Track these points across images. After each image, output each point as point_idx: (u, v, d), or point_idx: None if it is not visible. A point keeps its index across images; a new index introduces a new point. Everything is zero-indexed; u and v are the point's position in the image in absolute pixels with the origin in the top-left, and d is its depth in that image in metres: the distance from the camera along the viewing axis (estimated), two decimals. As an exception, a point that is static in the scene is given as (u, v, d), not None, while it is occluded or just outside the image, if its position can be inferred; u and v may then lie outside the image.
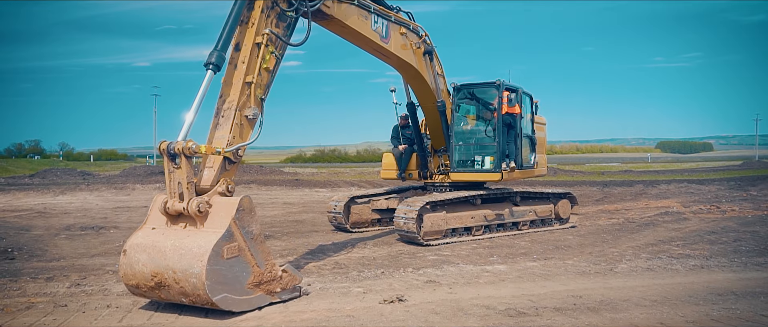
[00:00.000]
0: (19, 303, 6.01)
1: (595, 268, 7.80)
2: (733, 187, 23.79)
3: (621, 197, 19.82)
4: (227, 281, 5.35)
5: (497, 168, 10.49)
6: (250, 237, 5.63)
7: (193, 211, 5.53)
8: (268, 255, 5.81)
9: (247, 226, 5.61)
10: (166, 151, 5.61)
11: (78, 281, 7.03)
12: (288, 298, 6.02)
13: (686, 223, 12.65)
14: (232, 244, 5.43)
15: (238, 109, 6.25)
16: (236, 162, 6.23)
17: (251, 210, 5.71)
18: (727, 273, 7.52)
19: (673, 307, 5.77)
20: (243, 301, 5.52)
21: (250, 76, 6.39)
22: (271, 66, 6.66)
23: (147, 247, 5.56)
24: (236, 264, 5.47)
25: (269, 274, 5.79)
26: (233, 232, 5.46)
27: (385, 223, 11.98)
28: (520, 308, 5.74)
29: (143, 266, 5.51)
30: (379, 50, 9.27)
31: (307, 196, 22.27)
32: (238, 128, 6.24)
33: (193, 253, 5.25)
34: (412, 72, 10.11)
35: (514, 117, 10.73)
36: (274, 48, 6.69)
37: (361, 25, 8.60)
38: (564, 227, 11.99)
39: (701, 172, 39.46)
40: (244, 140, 6.33)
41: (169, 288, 5.40)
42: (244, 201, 5.65)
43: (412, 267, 7.91)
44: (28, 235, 11.32)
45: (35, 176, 36.35)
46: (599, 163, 65.66)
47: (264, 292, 5.74)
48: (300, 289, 6.19)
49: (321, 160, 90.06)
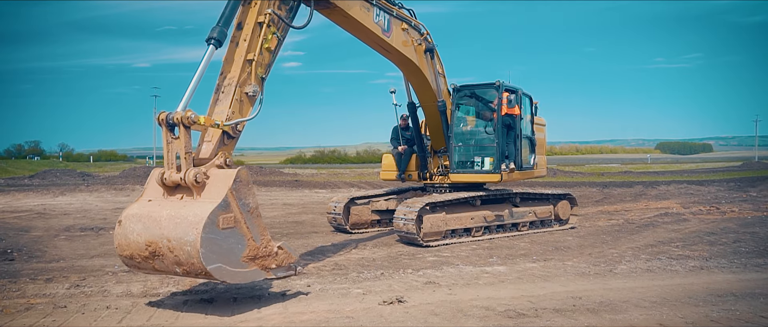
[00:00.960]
0: (18, 304, 6.01)
1: (594, 270, 7.80)
2: (733, 188, 23.80)
3: (620, 198, 19.83)
4: (222, 252, 5.30)
5: (497, 169, 10.49)
6: (247, 210, 5.59)
7: (190, 180, 5.51)
8: (263, 230, 5.75)
9: (243, 198, 5.57)
10: (164, 122, 5.61)
11: (77, 282, 7.03)
12: (283, 275, 5.96)
13: (686, 224, 12.65)
14: (229, 215, 5.38)
15: (239, 85, 6.28)
16: (235, 137, 6.24)
17: (248, 182, 5.68)
18: (726, 274, 7.52)
19: (673, 308, 5.77)
20: (237, 273, 5.46)
21: (251, 53, 6.43)
22: (272, 46, 6.69)
23: (142, 217, 5.53)
24: (232, 235, 5.41)
25: (265, 249, 5.72)
26: (230, 203, 5.41)
27: (384, 224, 11.98)
28: (520, 309, 5.74)
29: (138, 236, 5.48)
30: (381, 44, 9.26)
31: (307, 197, 22.27)
32: (237, 104, 6.26)
33: (189, 221, 5.21)
34: (413, 69, 10.10)
35: (513, 118, 10.74)
36: (276, 29, 6.72)
37: (363, 17, 8.60)
38: (563, 228, 11.99)
39: (701, 173, 39.48)
40: (244, 116, 6.34)
41: (164, 257, 5.36)
42: (241, 172, 5.64)
43: (412, 268, 7.91)
44: (28, 236, 11.31)
45: (35, 177, 36.35)
46: (599, 164, 65.67)
47: (259, 267, 5.67)
48: (295, 267, 6.09)
49: (321, 161, 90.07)
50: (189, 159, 5.66)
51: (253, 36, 6.49)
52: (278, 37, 6.78)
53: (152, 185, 5.85)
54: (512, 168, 10.68)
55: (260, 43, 6.51)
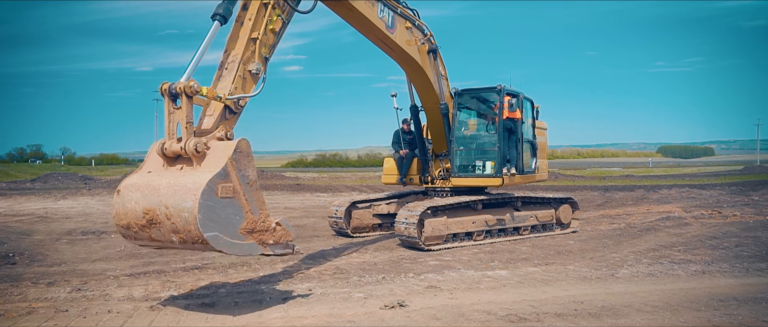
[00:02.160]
0: (20, 308, 6.01)
1: (596, 274, 7.79)
2: (735, 191, 23.77)
3: (622, 202, 19.81)
4: (220, 220, 5.25)
5: (498, 173, 10.48)
6: (246, 181, 5.54)
7: (191, 150, 5.52)
8: (262, 204, 5.70)
9: (243, 169, 5.53)
10: (167, 92, 5.62)
11: (79, 286, 7.04)
12: (281, 252, 5.93)
13: (688, 228, 12.63)
14: (228, 184, 5.35)
15: (242, 62, 6.34)
16: (237, 112, 6.26)
17: (249, 154, 5.63)
18: (728, 278, 7.50)
19: (675, 313, 5.76)
20: (235, 244, 5.42)
21: (255, 32, 6.50)
22: (276, 28, 6.76)
23: (141, 186, 5.53)
24: (230, 205, 5.36)
25: (263, 223, 5.66)
26: (229, 173, 5.39)
27: (386, 228, 11.98)
28: (522, 314, 5.73)
29: (136, 204, 5.47)
30: (384, 40, 9.28)
31: (309, 200, 22.27)
32: (240, 80, 6.31)
33: (187, 188, 5.18)
34: (415, 69, 10.11)
35: (514, 122, 10.74)
36: (281, 11, 6.79)
37: (368, 11, 8.63)
38: (565, 232, 11.97)
39: (703, 177, 39.42)
40: (246, 93, 6.37)
41: (161, 225, 5.33)
42: (241, 143, 5.60)
43: (413, 272, 7.90)
44: (30, 239, 11.32)
45: (36, 181, 36.41)
46: (600, 168, 65.61)
47: (256, 241, 5.61)
48: (293, 246, 6.05)
49: (322, 165, 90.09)
50: (190, 128, 5.66)
51: (258, 15, 6.55)
52: (283, 19, 6.84)
53: (152, 157, 5.86)
54: (513, 172, 10.67)
55: (265, 23, 6.56)
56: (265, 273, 7.88)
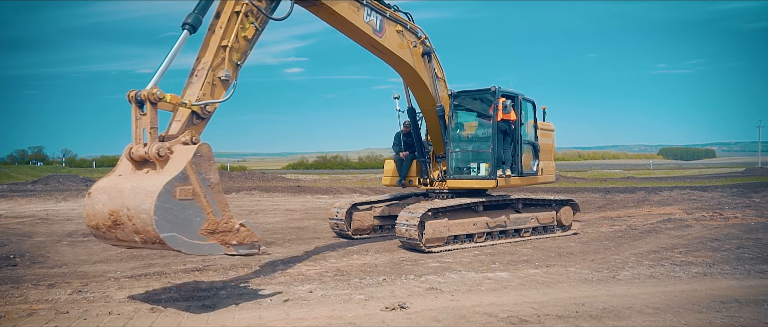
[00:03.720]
0: (20, 310, 6.01)
1: (597, 276, 7.78)
2: (736, 193, 23.74)
3: (623, 204, 19.79)
4: (178, 222, 5.42)
5: (492, 175, 10.43)
6: (207, 184, 5.72)
7: (153, 154, 5.70)
8: (225, 206, 5.88)
9: (204, 172, 5.71)
10: (133, 99, 5.82)
11: (80, 288, 7.04)
12: (245, 253, 6.05)
13: (689, 230, 12.62)
14: (187, 187, 5.52)
15: (212, 69, 6.49)
16: (204, 118, 6.41)
17: (210, 158, 5.83)
18: (730, 280, 7.49)
19: (676, 315, 5.75)
20: (194, 244, 5.58)
21: (226, 40, 6.63)
22: (249, 35, 6.88)
23: (108, 189, 5.74)
24: (189, 207, 5.54)
25: (225, 225, 5.84)
26: (188, 175, 5.56)
27: (386, 230, 11.97)
28: (523, 316, 5.72)
29: (103, 206, 5.68)
30: (373, 44, 9.33)
31: (309, 202, 22.26)
32: (209, 86, 6.46)
33: (146, 191, 5.38)
34: (409, 71, 10.16)
35: (509, 124, 10.66)
36: (254, 19, 6.94)
37: (351, 15, 8.68)
38: (566, 234, 11.96)
39: (704, 179, 39.39)
40: (215, 99, 6.52)
41: (124, 226, 5.53)
42: (202, 147, 5.78)
43: (414, 274, 7.89)
44: (31, 241, 11.33)
45: (38, 182, 36.42)
46: (601, 170, 65.57)
47: (218, 241, 5.78)
48: (259, 247, 6.17)
49: (323, 167, 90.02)
50: (154, 134, 5.84)
51: (229, 24, 6.70)
52: (256, 27, 6.97)
53: (123, 161, 6.08)
54: (508, 174, 10.59)
55: (236, 30, 6.69)
56: (265, 275, 7.87)
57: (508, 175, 10.58)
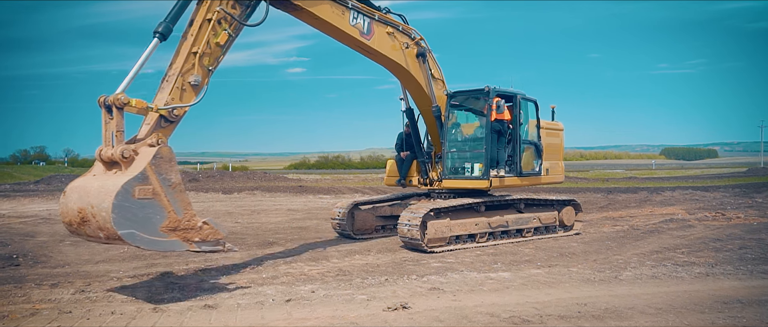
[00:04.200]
0: (23, 309, 6.03)
1: (599, 276, 7.78)
2: (738, 194, 23.69)
3: (625, 204, 19.76)
4: (137, 219, 5.76)
5: (486, 175, 10.40)
6: (168, 184, 6.07)
7: (117, 155, 6.06)
8: (187, 205, 6.22)
9: (164, 173, 6.06)
10: (103, 104, 6.20)
11: (82, 288, 7.05)
12: (209, 249, 6.37)
13: (691, 230, 12.60)
14: (146, 187, 5.89)
15: (181, 74, 6.77)
16: (173, 121, 6.70)
17: (171, 159, 6.17)
18: (732, 281, 7.48)
19: (679, 315, 5.75)
20: (154, 241, 5.91)
21: (196, 47, 6.89)
22: (221, 41, 7.10)
23: (79, 188, 6.14)
24: (149, 206, 5.88)
25: (188, 222, 6.16)
26: (148, 176, 5.91)
27: (388, 230, 11.97)
28: (525, 316, 5.72)
29: (74, 204, 6.06)
30: (362, 47, 9.41)
31: (311, 202, 22.27)
32: (178, 91, 6.74)
33: (107, 190, 5.74)
34: (402, 72, 10.22)
35: (504, 123, 10.60)
36: (228, 25, 7.17)
37: (335, 19, 8.76)
38: (568, 234, 11.94)
39: (706, 179, 39.33)
40: (184, 103, 6.78)
41: (90, 223, 5.87)
42: (162, 149, 6.15)
43: (416, 274, 7.89)
44: (33, 241, 11.35)
45: (40, 182, 36.50)
46: (603, 170, 65.51)
47: (180, 238, 6.11)
48: (223, 243, 6.46)
49: (325, 167, 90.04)
50: (120, 137, 6.20)
51: (201, 31, 6.94)
52: (229, 33, 7.18)
53: (97, 163, 6.46)
54: (502, 174, 10.55)
55: (207, 36, 6.93)
56: (267, 275, 7.88)
57: (502, 175, 10.51)
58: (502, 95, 10.76)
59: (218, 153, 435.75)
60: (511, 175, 10.75)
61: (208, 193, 26.66)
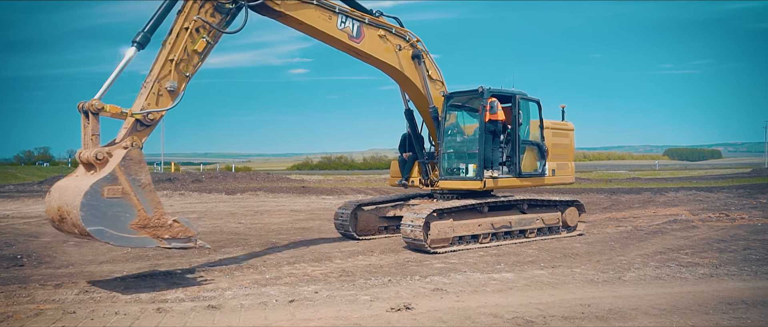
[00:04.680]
0: (28, 310, 6.04)
1: (603, 277, 7.76)
2: (742, 194, 23.63)
3: (629, 205, 19.72)
4: (106, 217, 6.18)
5: (479, 176, 10.39)
6: (138, 184, 6.48)
7: (92, 157, 6.45)
8: (157, 203, 6.61)
9: (134, 174, 6.47)
10: (81, 109, 6.62)
11: (86, 288, 7.07)
12: (180, 246, 6.77)
13: (695, 231, 12.57)
14: (115, 187, 6.30)
15: (158, 80, 7.11)
16: (148, 125, 7.04)
17: (140, 161, 6.57)
18: (737, 282, 7.46)
19: (683, 316, 5.73)
20: (124, 238, 6.35)
21: (173, 54, 7.19)
22: (199, 48, 7.38)
23: (61, 188, 6.60)
24: (118, 205, 6.30)
25: (157, 220, 6.56)
26: (117, 176, 6.32)
27: (392, 231, 11.97)
28: (528, 317, 5.71)
29: (55, 202, 6.53)
30: (352, 50, 9.55)
31: (314, 203, 22.29)
32: (154, 97, 7.10)
33: (79, 190, 6.17)
34: (397, 75, 10.32)
35: (498, 124, 10.54)
36: (206, 33, 7.43)
37: (322, 24, 8.87)
38: (571, 235, 11.92)
39: (710, 180, 39.22)
40: (160, 108, 7.15)
41: (66, 220, 6.32)
42: (132, 152, 6.56)
43: (419, 275, 7.89)
44: (37, 241, 11.38)
45: (44, 183, 36.58)
46: (607, 171, 65.39)
47: (150, 235, 6.52)
48: (195, 240, 6.85)
49: (327, 168, 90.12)
50: (95, 140, 6.61)
51: (178, 39, 7.24)
52: (207, 40, 7.44)
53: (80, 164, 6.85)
54: (496, 175, 10.52)
55: (184, 44, 7.22)
56: (271, 275, 7.89)
57: (496, 175, 10.47)
58: (500, 96, 10.76)
59: (221, 154, 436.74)
60: (509, 175, 10.73)
61: (211, 194, 26.70)
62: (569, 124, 12.32)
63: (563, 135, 12.05)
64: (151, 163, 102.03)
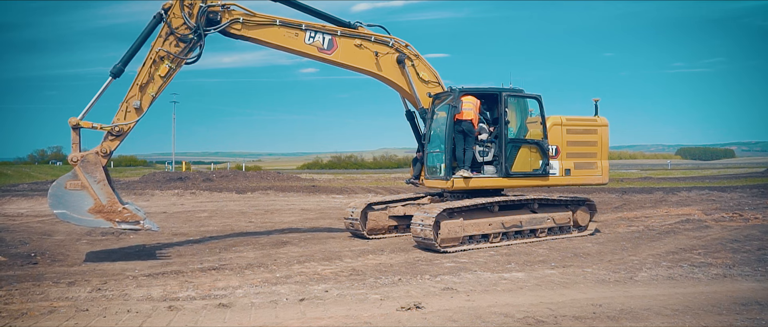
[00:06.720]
0: (41, 307, 6.11)
1: (614, 277, 7.71)
2: (756, 194, 23.34)
3: (640, 204, 19.56)
4: (68, 203, 8.48)
5: (448, 175, 10.36)
6: (94, 180, 8.62)
7: (70, 160, 8.65)
8: (110, 195, 8.66)
9: (91, 172, 8.63)
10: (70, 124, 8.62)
11: (99, 286, 7.13)
12: (128, 228, 8.67)
13: (708, 230, 12.44)
14: (75, 181, 8.59)
15: (127, 100, 8.93)
16: (118, 135, 8.87)
17: (95, 163, 8.66)
18: (751, 282, 7.37)
19: (696, 317, 5.68)
20: (81, 219, 8.53)
21: (141, 79, 8.95)
22: (162, 73, 9.03)
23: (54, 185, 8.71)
24: (78, 195, 8.55)
25: (110, 207, 8.60)
26: (78, 174, 8.59)
27: (402, 230, 11.97)
28: (539, 316, 5.68)
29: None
30: (325, 60, 10.10)
31: (324, 202, 22.32)
32: (122, 113, 8.92)
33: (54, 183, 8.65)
34: (381, 79, 10.69)
35: (462, 123, 10.40)
36: (169, 61, 9.04)
37: (289, 41, 9.64)
38: (583, 235, 11.83)
39: (723, 179, 38.79)
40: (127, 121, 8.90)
41: None
42: (88, 156, 8.66)
43: (430, 274, 7.88)
44: (51, 239, 11.50)
45: (57, 182, 36.95)
46: (618, 170, 64.92)
47: (104, 218, 8.55)
48: (143, 224, 8.64)
49: (337, 167, 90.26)
50: (76, 148, 8.67)
51: (145, 66, 8.97)
52: (170, 66, 9.07)
53: None
54: (468, 175, 10.42)
55: (149, 70, 8.95)
56: (281, 274, 7.92)
57: (466, 175, 10.35)
58: (483, 94, 10.73)
59: (232, 153, 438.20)
60: (495, 175, 10.65)
61: (222, 193, 26.82)
62: (599, 120, 11.88)
63: (587, 132, 11.69)
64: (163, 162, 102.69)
